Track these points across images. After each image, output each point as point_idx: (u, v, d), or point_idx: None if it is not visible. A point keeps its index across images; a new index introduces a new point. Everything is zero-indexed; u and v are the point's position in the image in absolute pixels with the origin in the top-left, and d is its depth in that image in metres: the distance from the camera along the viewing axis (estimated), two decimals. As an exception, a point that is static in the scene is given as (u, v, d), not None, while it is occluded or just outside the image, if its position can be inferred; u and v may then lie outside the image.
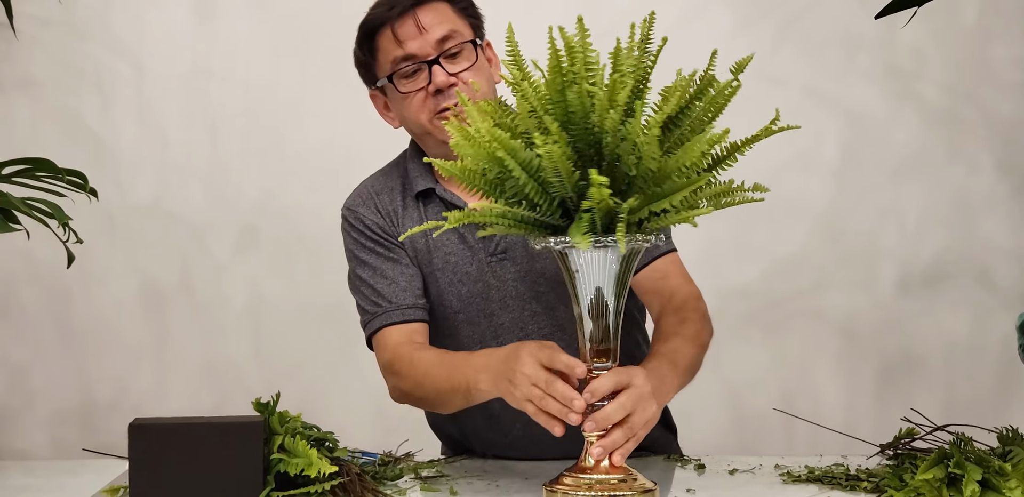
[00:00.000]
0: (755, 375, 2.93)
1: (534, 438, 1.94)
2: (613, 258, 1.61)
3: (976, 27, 2.94)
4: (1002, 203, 2.94)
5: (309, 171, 2.96)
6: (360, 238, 2.05)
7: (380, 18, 2.01)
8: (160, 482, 1.63)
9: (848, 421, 2.81)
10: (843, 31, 2.94)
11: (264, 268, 2.97)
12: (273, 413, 1.71)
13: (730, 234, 2.84)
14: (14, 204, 1.88)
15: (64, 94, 2.96)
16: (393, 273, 2.01)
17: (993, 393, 2.90)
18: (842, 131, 2.97)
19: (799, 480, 1.80)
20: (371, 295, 2.01)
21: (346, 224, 2.08)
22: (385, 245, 2.03)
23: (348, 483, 1.67)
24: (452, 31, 1.99)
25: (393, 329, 1.97)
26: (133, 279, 2.96)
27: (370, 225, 2.05)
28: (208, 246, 2.98)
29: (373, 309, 2.00)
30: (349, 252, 2.08)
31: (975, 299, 2.94)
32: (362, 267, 2.04)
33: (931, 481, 1.59)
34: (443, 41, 1.98)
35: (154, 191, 2.97)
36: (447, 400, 1.85)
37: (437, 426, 2.19)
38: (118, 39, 2.96)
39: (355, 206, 2.08)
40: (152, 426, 1.65)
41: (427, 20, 1.99)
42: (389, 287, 2.00)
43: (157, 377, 2.96)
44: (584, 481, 1.61)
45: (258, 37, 2.97)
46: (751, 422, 2.91)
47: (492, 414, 2.01)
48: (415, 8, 1.99)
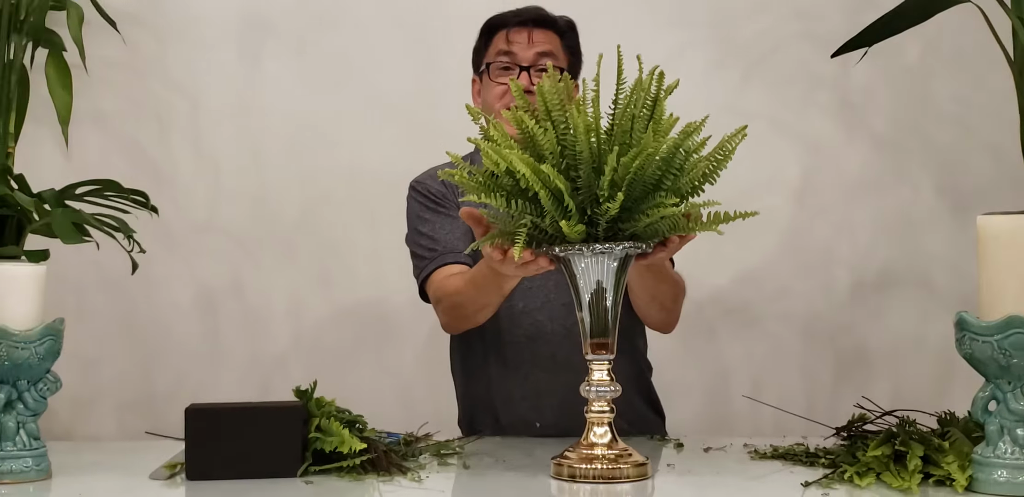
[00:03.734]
0: (728, 368, 2.93)
1: (543, 392, 2.09)
2: (611, 263, 1.62)
3: (919, 66, 2.95)
4: (941, 220, 2.94)
5: (340, 193, 2.96)
6: (425, 202, 2.16)
7: (504, 20, 2.17)
8: (212, 459, 1.64)
9: (808, 407, 2.81)
10: (803, 71, 2.95)
11: (302, 276, 2.97)
12: (311, 399, 1.72)
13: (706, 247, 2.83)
14: (86, 219, 1.89)
15: (129, 125, 2.97)
16: (450, 227, 2.11)
17: (933, 383, 2.90)
18: (802, 157, 2.97)
19: (765, 457, 1.80)
20: (428, 244, 2.10)
21: (413, 192, 2.20)
22: (445, 206, 2.14)
23: (376, 459, 1.67)
24: (551, 53, 2.13)
25: (444, 269, 2.06)
26: (189, 285, 2.97)
27: (435, 193, 2.16)
28: (253, 257, 2.98)
29: (429, 255, 2.09)
30: (412, 213, 2.17)
31: (918, 302, 2.94)
32: (423, 223, 2.14)
33: (880, 457, 1.59)
34: (540, 56, 2.11)
35: (207, 209, 2.98)
36: (485, 296, 1.93)
37: (465, 388, 2.24)
38: (175, 78, 2.98)
39: (423, 179, 2.20)
40: (206, 410, 1.66)
41: (538, 37, 2.13)
42: (446, 236, 2.10)
43: (209, 369, 2.96)
44: (587, 456, 1.62)
45: (297, 77, 2.98)
46: (724, 407, 2.91)
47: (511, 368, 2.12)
48: (534, 26, 2.14)
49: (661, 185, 1.57)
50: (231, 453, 1.63)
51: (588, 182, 1.55)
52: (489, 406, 2.15)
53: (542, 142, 1.57)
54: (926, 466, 1.56)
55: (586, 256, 1.59)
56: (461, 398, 2.24)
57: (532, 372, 2.11)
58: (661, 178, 1.57)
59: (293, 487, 1.59)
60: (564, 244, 1.58)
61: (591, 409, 1.64)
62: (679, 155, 1.57)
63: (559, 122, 1.60)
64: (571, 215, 1.54)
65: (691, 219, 1.60)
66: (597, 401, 1.63)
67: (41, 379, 1.68)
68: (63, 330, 1.70)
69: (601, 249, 1.58)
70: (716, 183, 1.64)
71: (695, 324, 2.88)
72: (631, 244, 1.58)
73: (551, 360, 2.10)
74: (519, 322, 2.10)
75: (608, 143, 1.57)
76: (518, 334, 2.11)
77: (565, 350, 2.07)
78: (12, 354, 1.63)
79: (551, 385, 2.09)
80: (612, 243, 1.57)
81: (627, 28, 2.87)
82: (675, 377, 2.77)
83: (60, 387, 1.70)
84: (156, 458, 1.78)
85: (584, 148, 1.54)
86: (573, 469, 1.60)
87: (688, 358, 2.91)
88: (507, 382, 2.12)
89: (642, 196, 1.56)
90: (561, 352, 2.09)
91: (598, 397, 1.63)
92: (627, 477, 1.60)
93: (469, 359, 2.20)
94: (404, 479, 1.64)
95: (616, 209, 1.52)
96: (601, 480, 1.59)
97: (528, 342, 2.11)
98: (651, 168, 1.54)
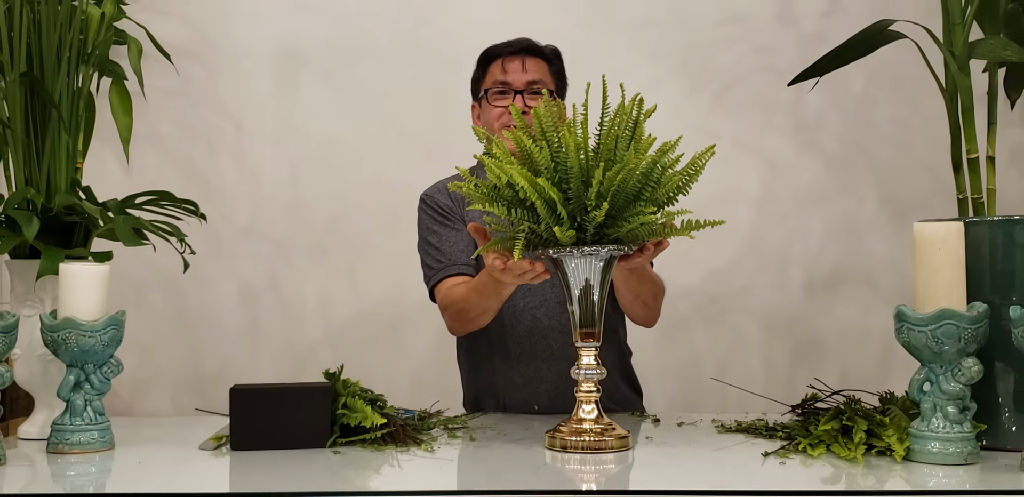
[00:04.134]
0: (698, 354, 2.93)
1: (541, 380, 2.07)
2: (598, 263, 1.62)
3: (863, 94, 2.95)
4: (882, 226, 2.94)
5: (364, 203, 2.96)
6: (434, 215, 2.11)
7: (499, 51, 2.14)
8: (253, 432, 1.64)
9: (767, 387, 2.81)
10: (763, 97, 2.95)
11: (330, 275, 2.97)
12: (338, 380, 1.72)
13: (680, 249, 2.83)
14: (144, 225, 1.89)
15: (181, 145, 2.97)
16: (455, 239, 2.07)
17: (876, 366, 2.90)
18: (762, 172, 2.97)
19: (730, 431, 1.80)
20: (436, 255, 2.07)
21: (423, 205, 2.15)
22: (452, 220, 2.10)
23: (394, 432, 1.67)
24: (541, 79, 2.11)
25: (450, 280, 2.03)
26: (233, 282, 2.97)
27: (442, 206, 2.12)
28: (289, 258, 2.98)
29: (437, 265, 2.06)
30: (422, 225, 2.13)
31: (862, 297, 2.94)
32: (432, 234, 2.10)
33: (829, 431, 1.60)
34: (532, 83, 2.09)
35: (248, 216, 2.98)
36: (487, 302, 1.91)
37: (470, 376, 2.21)
38: (222, 104, 2.98)
39: (432, 193, 2.16)
40: (248, 390, 1.66)
41: (530, 65, 2.11)
42: (451, 247, 2.07)
43: (251, 355, 2.96)
44: (577, 429, 1.62)
45: (327, 103, 2.98)
46: (695, 388, 2.91)
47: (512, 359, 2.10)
48: (526, 55, 2.12)
49: (641, 195, 1.57)
50: (269, 427, 1.63)
51: (578, 193, 1.56)
52: (493, 392, 2.14)
53: (538, 158, 1.58)
54: (869, 438, 1.56)
55: (576, 257, 1.60)
56: (466, 385, 2.23)
57: (531, 362, 2.10)
58: (641, 190, 1.57)
59: (322, 456, 1.59)
60: (557, 247, 1.59)
61: (580, 389, 1.64)
62: (656, 170, 1.57)
63: (552, 141, 1.60)
64: (563, 222, 1.55)
65: (667, 226, 1.61)
66: (585, 382, 1.63)
67: (105, 363, 1.68)
68: (124, 321, 1.69)
69: (589, 251, 1.58)
70: (688, 194, 1.64)
71: (670, 316, 2.87)
72: (614, 247, 1.59)
73: (547, 351, 2.09)
74: (520, 318, 2.09)
75: (595, 159, 1.57)
76: (520, 329, 2.10)
77: (560, 342, 2.07)
78: (80, 341, 1.63)
79: (547, 373, 2.08)
80: (598, 246, 1.58)
81: (612, 61, 2.87)
82: (653, 362, 2.77)
83: (122, 370, 1.70)
84: (204, 431, 1.78)
85: (574, 164, 1.55)
86: (564, 441, 1.61)
87: (664, 346, 2.91)
88: (509, 371, 2.11)
89: (624, 205, 1.56)
90: (556, 344, 2.08)
91: (586, 379, 1.63)
92: (611, 448, 1.60)
93: (474, 352, 2.19)
94: (419, 449, 1.64)
95: (602, 216, 1.52)
96: (589, 450, 1.59)
97: (527, 336, 2.10)
98: (632, 181, 1.54)
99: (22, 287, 1.83)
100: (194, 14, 2.94)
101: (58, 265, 1.68)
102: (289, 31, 2.97)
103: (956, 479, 1.42)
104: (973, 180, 1.96)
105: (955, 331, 1.49)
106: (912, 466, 1.49)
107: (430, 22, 2.96)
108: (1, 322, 1.55)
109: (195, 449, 1.66)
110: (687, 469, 1.53)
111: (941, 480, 1.42)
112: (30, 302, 1.82)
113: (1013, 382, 1.60)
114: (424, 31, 2.95)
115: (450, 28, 2.94)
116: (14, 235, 1.76)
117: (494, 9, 2.94)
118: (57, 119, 1.89)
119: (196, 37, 2.95)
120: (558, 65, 2.18)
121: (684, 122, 2.74)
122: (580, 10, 2.93)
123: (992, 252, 1.61)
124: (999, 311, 1.56)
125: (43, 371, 1.81)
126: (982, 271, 1.61)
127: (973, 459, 1.50)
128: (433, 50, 2.97)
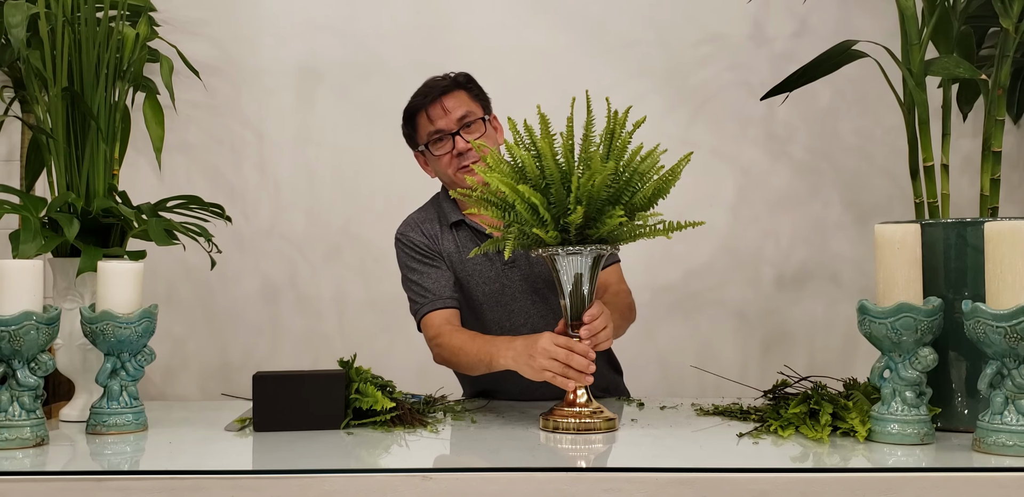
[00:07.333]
0: (679, 344, 2.93)
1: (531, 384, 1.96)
2: (584, 261, 1.62)
3: (828, 107, 2.94)
4: (847, 228, 2.94)
5: (375, 207, 2.96)
6: (412, 253, 2.03)
7: (418, 105, 2.02)
8: (274, 414, 1.64)
9: (742, 374, 2.81)
10: (738, 111, 2.94)
11: (345, 272, 2.97)
12: (351, 368, 1.72)
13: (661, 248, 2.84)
14: (175, 226, 1.89)
15: (209, 153, 2.96)
16: (436, 275, 2.00)
17: (840, 355, 2.90)
18: (737, 178, 2.97)
19: (708, 414, 1.80)
20: (419, 290, 1.99)
21: (399, 244, 2.06)
22: (429, 256, 2.02)
23: (403, 415, 1.68)
24: (468, 112, 1.99)
25: (436, 313, 1.95)
26: (256, 279, 2.96)
27: (418, 244, 2.03)
28: (307, 257, 2.97)
29: (421, 300, 1.99)
30: (402, 263, 2.05)
31: (828, 292, 2.94)
32: (413, 272, 2.02)
33: (798, 414, 1.60)
34: (462, 119, 1.98)
35: (270, 219, 2.97)
36: (474, 368, 1.84)
37: (465, 379, 2.18)
38: (246, 116, 2.97)
39: (407, 231, 2.06)
40: (269, 376, 1.66)
41: (449, 104, 1.99)
42: (433, 284, 1.99)
43: (272, 345, 2.95)
44: (568, 412, 1.62)
45: (341, 116, 2.98)
46: (676, 375, 2.90)
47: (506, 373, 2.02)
48: (441, 96, 1.99)
49: (620, 200, 1.58)
50: (289, 410, 1.63)
51: (560, 198, 1.56)
52: (490, 391, 2.11)
53: (527, 168, 1.58)
54: (835, 421, 1.57)
55: (563, 256, 1.61)
56: (466, 385, 2.19)
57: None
58: (619, 194, 1.58)
59: (337, 437, 1.59)
60: (545, 246, 1.60)
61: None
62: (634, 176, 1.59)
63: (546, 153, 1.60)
64: (547, 224, 1.56)
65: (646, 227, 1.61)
66: (576, 370, 1.63)
67: (140, 352, 1.68)
68: (157, 313, 1.69)
69: (572, 251, 1.59)
70: (667, 198, 1.64)
71: (653, 309, 2.88)
72: (598, 246, 1.60)
73: None
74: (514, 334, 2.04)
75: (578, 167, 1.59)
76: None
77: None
78: (117, 332, 1.63)
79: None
80: (581, 246, 1.59)
81: (601, 78, 2.87)
82: (637, 351, 2.77)
83: (154, 358, 1.70)
84: (230, 414, 1.78)
85: (552, 170, 1.56)
86: (557, 423, 1.61)
87: (647, 336, 2.90)
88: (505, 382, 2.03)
89: (602, 208, 1.57)
90: None
91: (577, 367, 1.63)
92: (599, 429, 1.60)
93: None
94: (425, 431, 1.64)
95: (579, 218, 1.54)
96: (579, 431, 1.60)
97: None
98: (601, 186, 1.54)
99: (64, 283, 1.83)
100: (221, 35, 2.94)
101: (96, 263, 1.68)
102: (307, 51, 2.96)
103: (913, 457, 1.42)
104: (929, 186, 1.97)
105: (912, 323, 1.49)
106: (873, 446, 1.49)
107: (436, 43, 2.95)
108: (45, 315, 1.55)
109: (221, 430, 1.66)
110: (669, 448, 1.53)
111: (900, 458, 1.42)
112: (71, 296, 1.82)
113: (965, 369, 1.60)
114: (430, 51, 2.94)
115: (454, 48, 2.94)
116: (57, 235, 1.76)
117: (494, 31, 2.93)
118: (96, 130, 1.89)
119: (223, 56, 2.94)
120: (473, 87, 2.04)
121: (666, 133, 2.73)
122: (572, 32, 2.93)
123: (946, 251, 1.61)
124: (952, 305, 1.57)
125: (83, 359, 1.81)
126: (937, 269, 1.61)
127: (929, 439, 1.50)
128: (438, 68, 2.93)
